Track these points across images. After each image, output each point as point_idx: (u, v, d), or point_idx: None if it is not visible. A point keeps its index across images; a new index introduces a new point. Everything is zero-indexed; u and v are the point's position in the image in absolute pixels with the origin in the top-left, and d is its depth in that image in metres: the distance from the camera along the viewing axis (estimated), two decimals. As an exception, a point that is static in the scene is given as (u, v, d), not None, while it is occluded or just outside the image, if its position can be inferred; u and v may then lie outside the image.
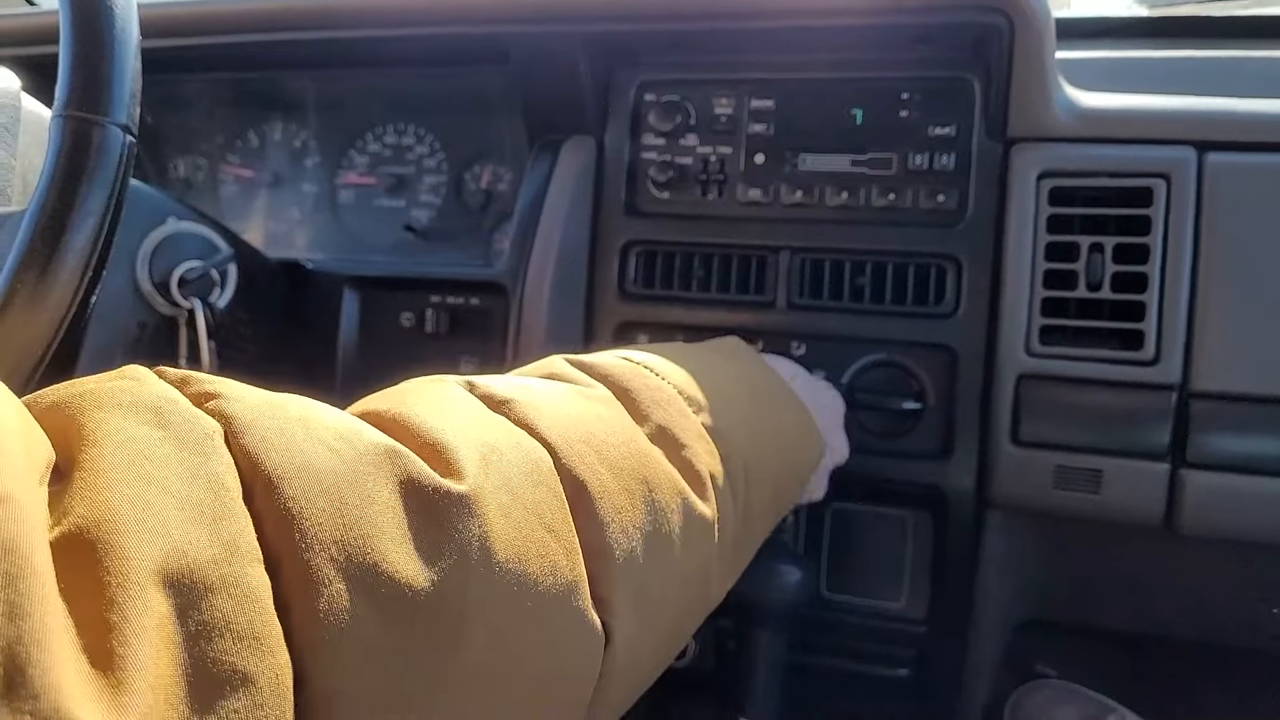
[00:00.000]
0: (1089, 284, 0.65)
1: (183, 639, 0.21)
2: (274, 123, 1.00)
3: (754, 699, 0.66)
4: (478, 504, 0.28)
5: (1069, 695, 0.92)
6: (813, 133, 0.75)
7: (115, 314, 0.64)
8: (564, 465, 0.33)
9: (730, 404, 0.46)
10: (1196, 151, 0.64)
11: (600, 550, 0.33)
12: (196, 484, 0.23)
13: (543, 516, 0.31)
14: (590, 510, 0.33)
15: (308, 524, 0.24)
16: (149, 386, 0.26)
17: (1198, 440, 0.64)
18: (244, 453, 0.25)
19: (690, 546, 0.38)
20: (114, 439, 0.23)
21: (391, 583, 0.25)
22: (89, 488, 0.22)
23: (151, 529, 0.21)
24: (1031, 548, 0.79)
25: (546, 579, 0.30)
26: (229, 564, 0.22)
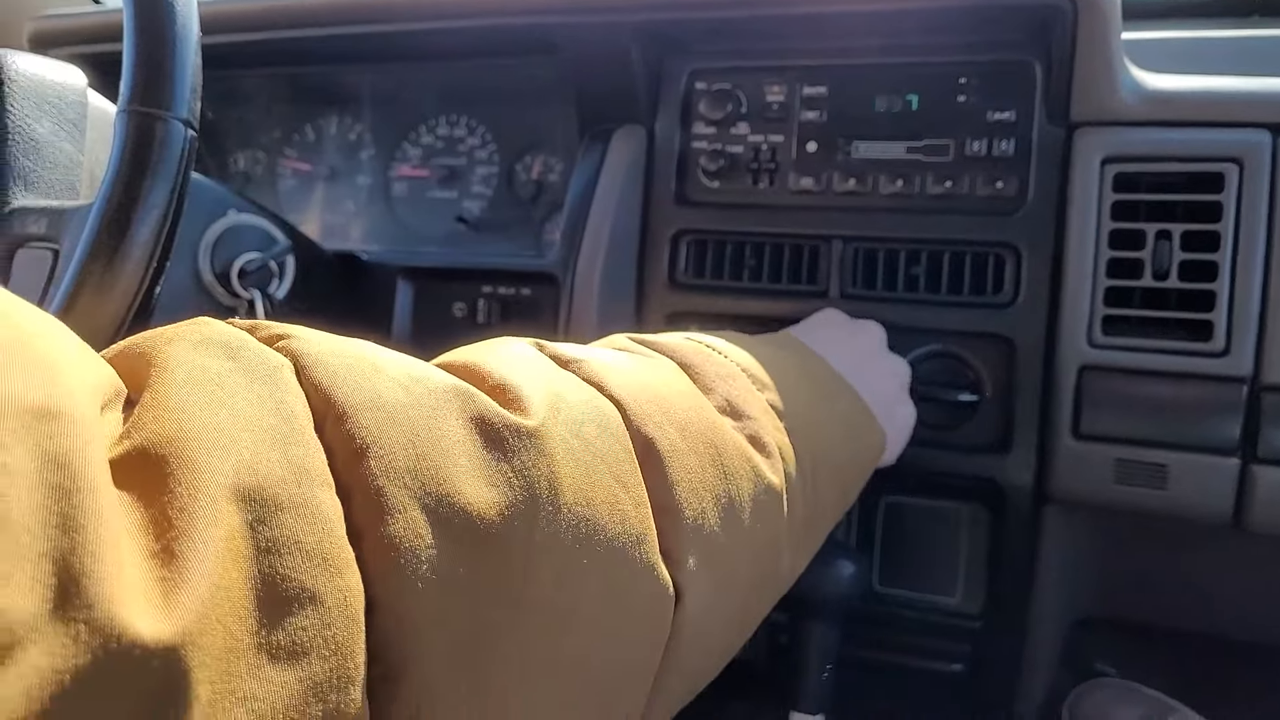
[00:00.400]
0: (1155, 273, 0.63)
1: (252, 552, 0.21)
2: (330, 117, 1.01)
3: (806, 693, 0.66)
4: (546, 442, 0.28)
5: (1128, 694, 0.90)
6: (866, 120, 0.73)
7: (178, 305, 0.66)
8: (633, 422, 0.33)
9: (793, 388, 0.46)
10: (1271, 134, 0.62)
11: (669, 508, 0.33)
12: (267, 410, 0.23)
13: (611, 466, 0.31)
14: (659, 468, 0.33)
15: (381, 452, 0.24)
16: (218, 328, 0.26)
17: (1270, 435, 0.61)
18: (314, 386, 0.25)
19: (760, 515, 0.38)
20: (184, 367, 0.23)
21: (463, 514, 0.25)
22: (159, 407, 0.22)
23: (223, 446, 0.21)
24: (1090, 543, 0.77)
25: (615, 527, 0.30)
26: (299, 485, 0.22)
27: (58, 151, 0.67)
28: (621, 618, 0.31)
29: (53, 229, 0.60)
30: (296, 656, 0.21)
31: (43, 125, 0.66)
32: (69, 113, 0.68)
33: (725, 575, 0.36)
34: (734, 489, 0.36)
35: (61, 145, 0.68)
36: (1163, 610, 0.88)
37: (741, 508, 0.37)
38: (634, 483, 0.32)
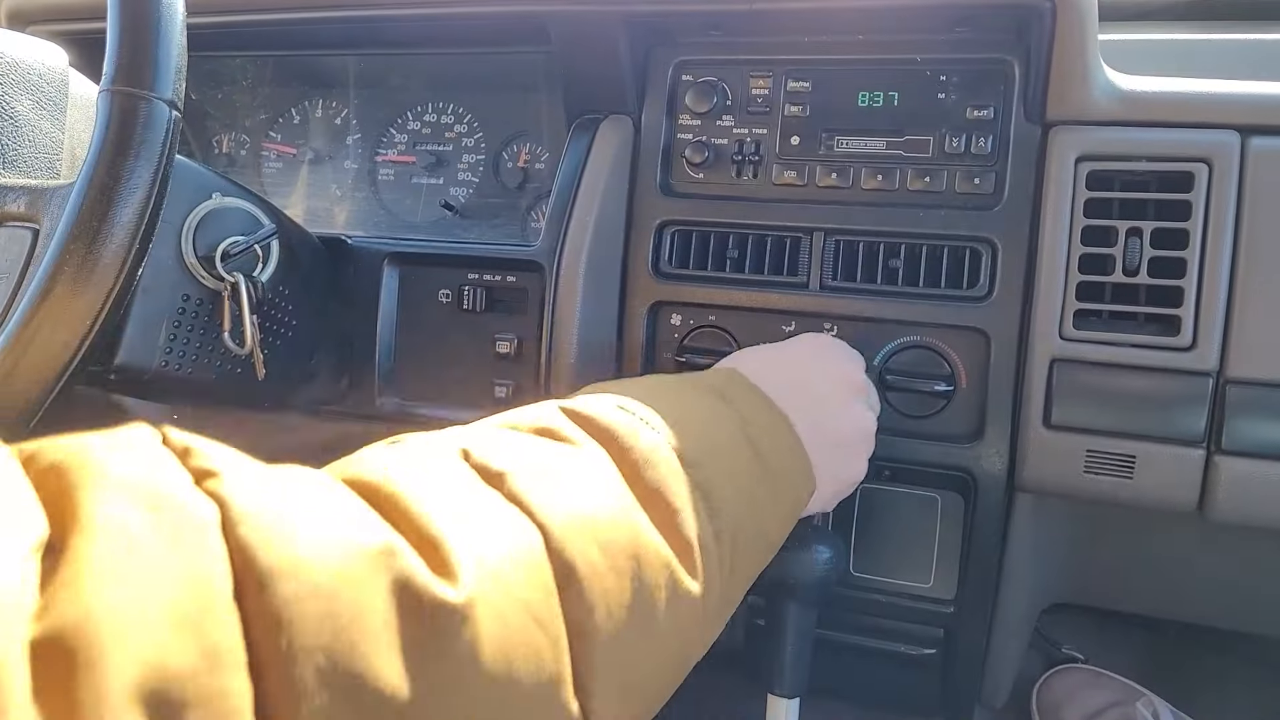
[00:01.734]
0: (1126, 269, 0.65)
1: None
2: (315, 100, 1.01)
3: (781, 675, 0.67)
4: (472, 611, 0.29)
5: (1096, 679, 0.92)
6: (848, 115, 0.75)
7: (160, 287, 0.65)
8: (555, 548, 0.34)
9: (723, 460, 0.46)
10: (1240, 136, 0.63)
11: (586, 633, 0.34)
12: (185, 583, 0.23)
13: (532, 608, 0.31)
14: (578, 593, 0.34)
15: (296, 630, 0.24)
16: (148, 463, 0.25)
17: (1233, 427, 0.63)
18: (239, 545, 0.24)
19: (675, 620, 0.39)
20: (106, 527, 0.23)
21: (377, 694, 0.25)
22: (74, 585, 0.21)
23: (132, 637, 0.21)
24: (1061, 532, 0.79)
25: (531, 676, 0.31)
26: (210, 675, 0.22)
27: (37, 130, 0.67)
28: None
29: (32, 208, 0.59)
30: None
31: (21, 103, 0.66)
32: (49, 91, 0.68)
33: (635, 688, 0.37)
34: (650, 599, 0.37)
35: (41, 124, 0.68)
36: (1131, 597, 0.91)
37: (656, 616, 0.37)
38: (552, 619, 0.32)
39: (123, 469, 0.24)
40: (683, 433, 0.44)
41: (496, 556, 0.31)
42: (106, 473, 0.24)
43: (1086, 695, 0.91)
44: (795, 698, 0.67)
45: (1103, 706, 0.88)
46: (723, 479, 0.45)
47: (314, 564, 0.25)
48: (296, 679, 0.24)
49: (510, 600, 0.31)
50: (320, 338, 0.80)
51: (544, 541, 0.33)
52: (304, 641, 0.24)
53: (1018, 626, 0.83)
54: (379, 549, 0.27)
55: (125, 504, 0.23)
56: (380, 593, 0.26)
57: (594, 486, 0.38)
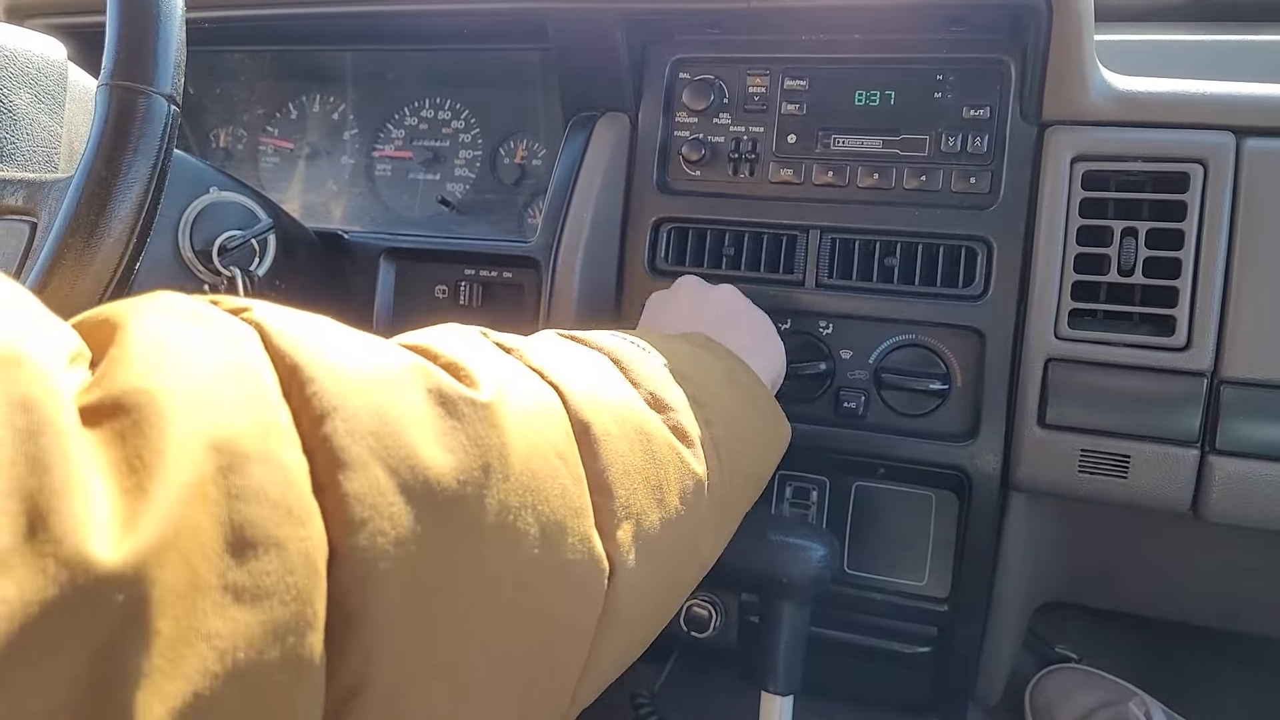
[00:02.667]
0: (1121, 269, 0.65)
1: (221, 497, 0.21)
2: (313, 96, 1.01)
3: (776, 672, 0.67)
4: (498, 415, 0.30)
5: (1090, 678, 0.92)
6: (845, 113, 0.75)
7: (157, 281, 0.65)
8: (571, 407, 0.35)
9: (711, 383, 0.49)
10: (1235, 137, 0.63)
11: (604, 487, 0.35)
12: (235, 372, 0.24)
13: (554, 443, 0.33)
14: (595, 450, 0.35)
15: (345, 414, 0.25)
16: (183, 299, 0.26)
17: (1228, 427, 0.63)
18: (280, 353, 0.25)
19: (684, 499, 0.41)
20: (152, 331, 0.23)
21: (422, 476, 0.27)
22: (127, 364, 0.22)
23: (193, 400, 0.22)
24: (1055, 531, 0.79)
25: (557, 500, 0.32)
26: (266, 440, 0.23)
27: (35, 124, 0.67)
28: (561, 584, 0.33)
29: (30, 201, 0.59)
30: (259, 599, 0.21)
31: (20, 96, 0.66)
32: (48, 84, 0.68)
33: (653, 553, 0.38)
34: (661, 474, 0.39)
35: (39, 117, 0.67)
36: (1124, 597, 0.91)
37: (668, 490, 0.39)
38: (573, 460, 0.34)
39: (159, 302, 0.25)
40: (672, 355, 0.47)
41: (518, 394, 0.33)
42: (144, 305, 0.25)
43: (1079, 694, 0.91)
44: (789, 695, 0.68)
45: (1095, 706, 0.89)
46: (714, 397, 0.47)
47: (353, 367, 0.27)
48: (349, 455, 0.25)
49: (533, 428, 0.32)
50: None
51: (561, 400, 0.35)
52: (353, 424, 0.25)
53: (1011, 625, 0.83)
54: (411, 363, 0.29)
55: (169, 319, 0.24)
56: (416, 393, 0.28)
57: (602, 373, 0.40)
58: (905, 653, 0.78)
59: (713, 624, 0.78)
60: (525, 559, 0.31)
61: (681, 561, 0.43)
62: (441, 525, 0.27)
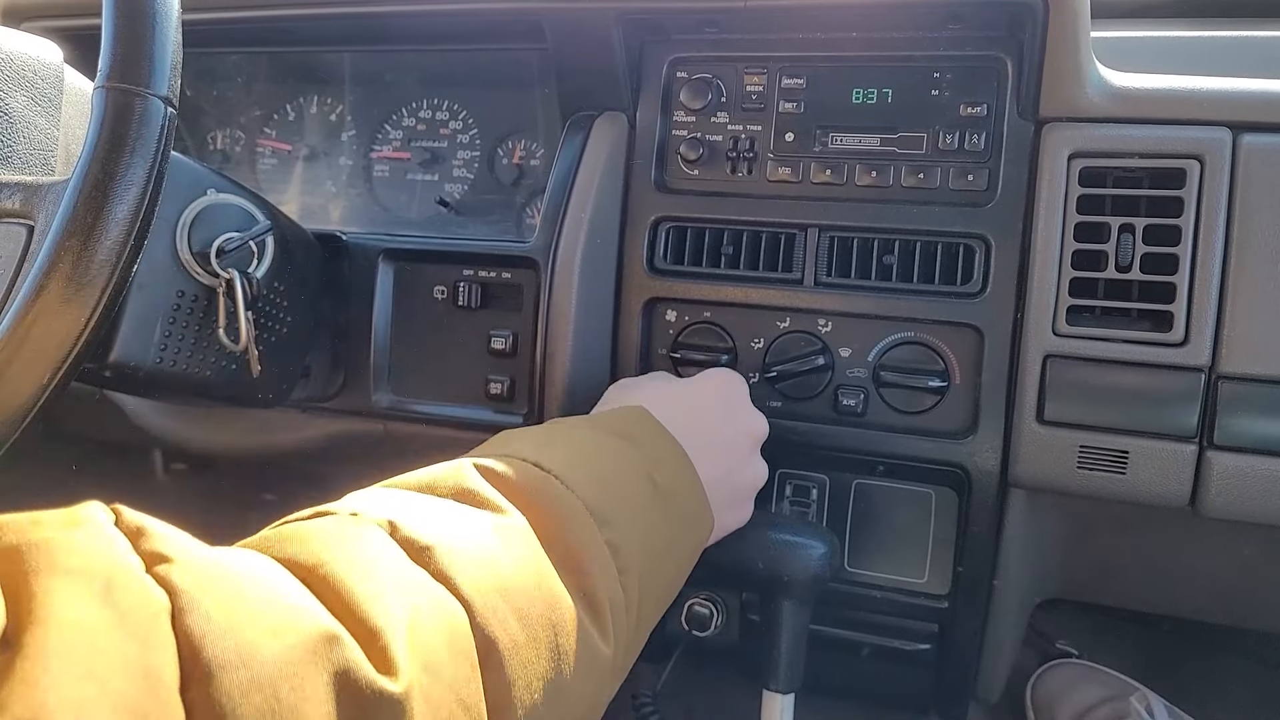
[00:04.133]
0: (1118, 265, 0.65)
1: None
2: (310, 97, 1.01)
3: (776, 670, 0.67)
4: (408, 701, 0.30)
5: (1090, 674, 0.93)
6: (843, 112, 0.75)
7: (156, 283, 0.65)
8: (478, 624, 0.36)
9: (630, 510, 0.49)
10: (1231, 133, 0.64)
11: (504, 706, 0.36)
12: (134, 678, 0.24)
13: (458, 691, 0.33)
14: (499, 669, 0.36)
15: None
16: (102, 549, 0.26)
17: (1226, 422, 0.63)
18: (186, 635, 0.26)
19: (586, 682, 0.41)
20: (61, 622, 0.23)
21: None
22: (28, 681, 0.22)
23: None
24: (1054, 527, 0.79)
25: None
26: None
27: (31, 126, 0.67)
28: None
29: (26, 204, 0.59)
30: None
31: (16, 99, 0.66)
32: (44, 87, 0.68)
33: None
34: (565, 666, 0.40)
35: (36, 120, 0.67)
36: (1124, 593, 0.91)
37: (569, 681, 0.40)
38: (475, 700, 0.34)
39: (76, 556, 0.25)
40: (594, 484, 0.47)
41: (428, 643, 0.33)
42: (61, 561, 0.25)
43: (1080, 690, 0.91)
44: (790, 693, 0.68)
45: (1096, 701, 0.89)
46: (632, 532, 0.47)
47: (257, 655, 0.26)
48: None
49: (442, 688, 0.32)
50: (315, 334, 0.80)
51: (469, 618, 0.36)
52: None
53: (1012, 622, 0.83)
54: (321, 637, 0.29)
55: (79, 595, 0.24)
56: (322, 683, 0.28)
57: (514, 556, 0.40)
58: (906, 650, 0.78)
59: (714, 623, 0.78)
60: None
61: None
62: None
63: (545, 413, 0.76)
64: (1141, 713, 0.84)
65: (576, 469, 0.47)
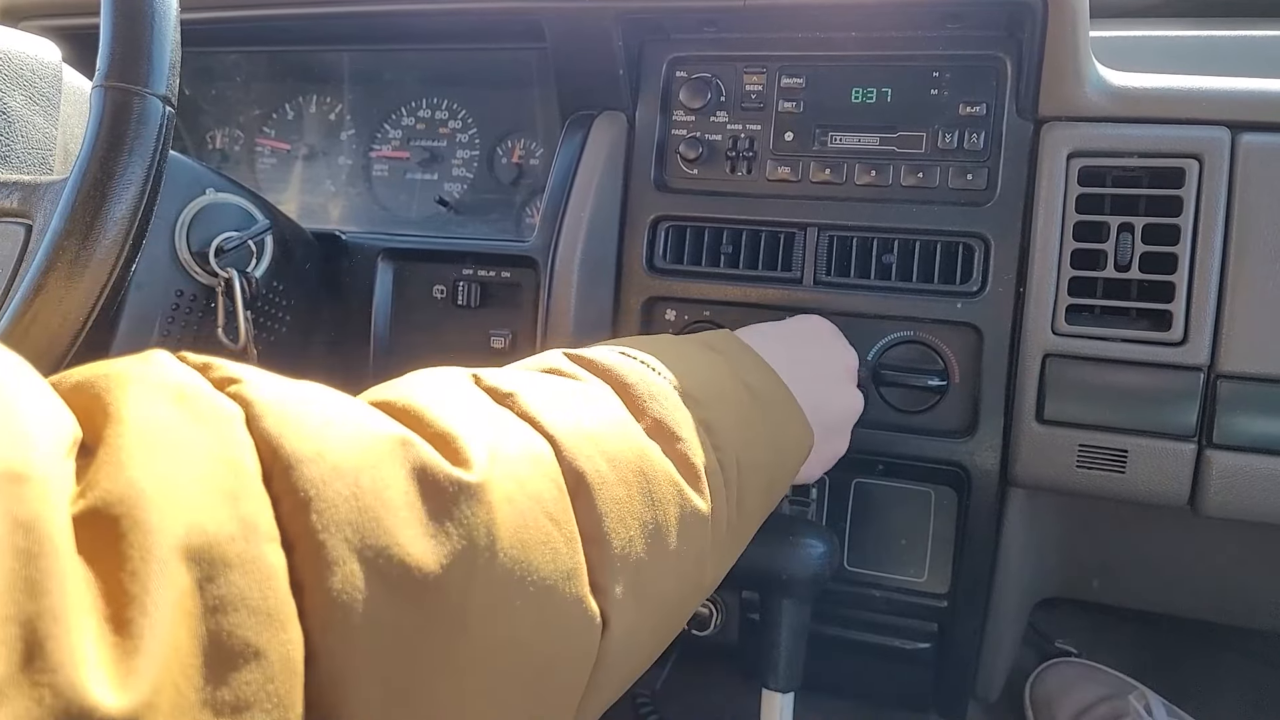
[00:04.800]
0: (1117, 264, 0.65)
1: (200, 611, 0.21)
2: (310, 96, 1.01)
3: (776, 669, 0.67)
4: (486, 492, 0.30)
5: (1090, 673, 0.93)
6: (842, 111, 0.75)
7: (154, 282, 0.65)
8: (565, 457, 0.35)
9: (723, 399, 0.47)
10: (1230, 132, 0.64)
11: (598, 539, 0.34)
12: (217, 463, 0.24)
13: (545, 505, 0.32)
14: (589, 500, 0.35)
15: (323, 506, 0.25)
16: (172, 370, 0.27)
17: (1225, 421, 0.63)
18: (263, 436, 0.26)
19: (686, 537, 0.40)
20: (137, 416, 0.24)
21: (402, 565, 0.26)
22: (113, 463, 0.22)
23: (174, 503, 0.22)
24: (1053, 526, 0.79)
25: (547, 565, 0.31)
26: (246, 541, 0.23)
27: (30, 125, 0.67)
28: (551, 649, 0.32)
29: (25, 204, 0.59)
30: (240, 711, 0.22)
31: (14, 98, 0.66)
32: (42, 86, 0.68)
33: (650, 598, 0.38)
34: (660, 515, 0.38)
35: (34, 119, 0.67)
36: (1123, 592, 0.91)
37: (667, 532, 0.38)
38: (565, 519, 0.33)
39: (146, 378, 0.26)
40: (683, 374, 0.45)
41: (509, 455, 0.32)
42: (132, 379, 0.25)
43: (1079, 689, 0.91)
44: (790, 692, 0.68)
45: (1095, 700, 0.89)
46: (724, 416, 0.45)
47: (336, 450, 0.26)
48: (326, 550, 0.25)
49: (524, 493, 0.31)
50: (314, 333, 0.80)
51: (554, 450, 0.34)
52: (332, 516, 0.25)
53: (1011, 621, 0.83)
54: (396, 439, 0.28)
55: (153, 400, 0.25)
56: (399, 475, 0.28)
57: (600, 411, 0.39)
58: (906, 649, 0.78)
59: (714, 622, 0.78)
60: (515, 632, 0.30)
61: (681, 599, 0.42)
62: (424, 615, 0.27)
63: (544, 412, 0.76)
64: (1140, 711, 0.84)
65: (665, 359, 0.46)
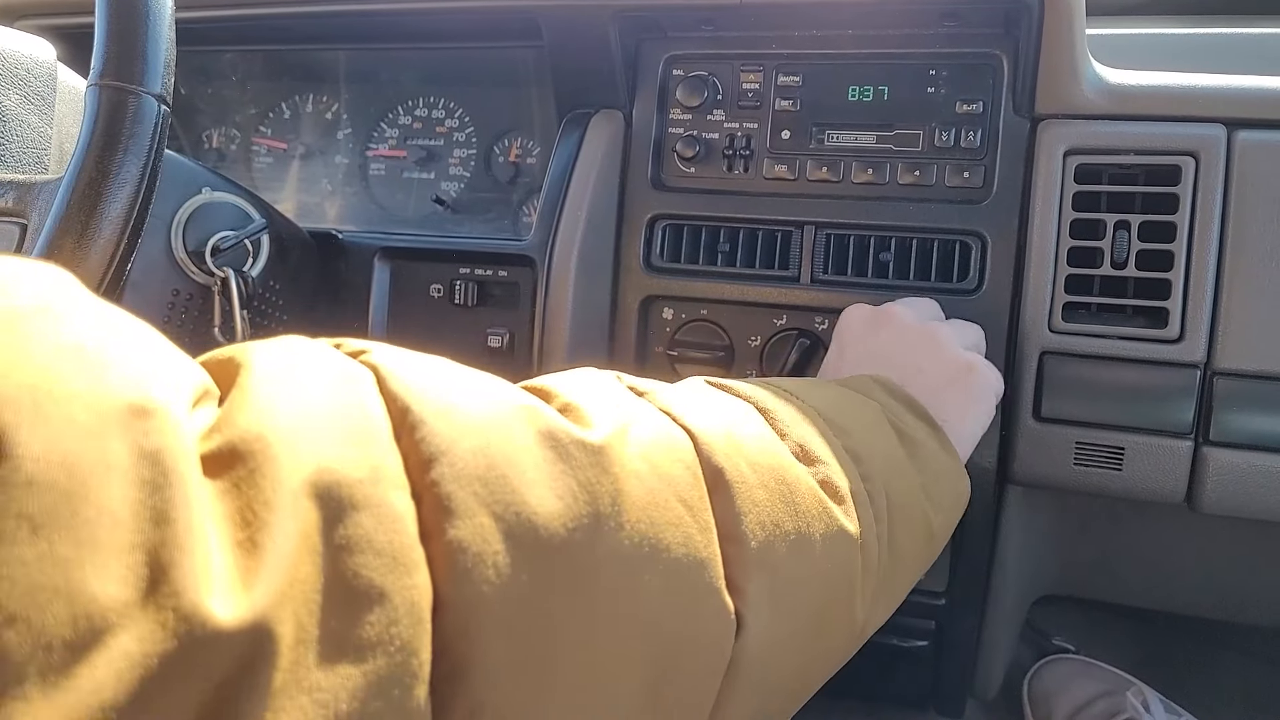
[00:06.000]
0: (1114, 262, 0.65)
1: (327, 548, 0.22)
2: (306, 95, 1.01)
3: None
4: (611, 458, 0.29)
5: (1087, 669, 0.93)
6: (839, 109, 0.75)
7: (150, 282, 0.65)
8: (703, 451, 0.34)
9: (872, 435, 0.45)
10: (1226, 129, 0.64)
11: (736, 536, 0.33)
12: (349, 411, 0.25)
13: (678, 489, 0.31)
14: (727, 497, 0.33)
15: (452, 459, 0.25)
16: (305, 341, 0.27)
17: (1221, 418, 0.64)
18: (393, 396, 0.26)
19: (832, 557, 0.37)
20: (271, 367, 0.25)
21: (528, 522, 0.26)
22: (245, 404, 0.23)
23: (307, 441, 0.23)
24: (1051, 524, 0.79)
25: (679, 549, 0.30)
26: (375, 485, 0.23)
27: (24, 125, 0.67)
28: (682, 636, 0.31)
29: (20, 203, 0.59)
30: (363, 651, 0.21)
31: (9, 98, 0.66)
32: (37, 85, 0.67)
33: (791, 612, 0.36)
34: (804, 527, 0.36)
35: (28, 118, 0.67)
36: (1120, 588, 0.91)
37: (812, 546, 0.36)
38: (701, 508, 0.32)
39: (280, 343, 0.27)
40: (829, 405, 0.44)
41: (641, 435, 0.32)
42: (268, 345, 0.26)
43: (1077, 685, 0.91)
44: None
45: (1093, 696, 0.89)
46: (872, 446, 0.43)
47: (464, 408, 0.27)
48: (455, 502, 0.25)
49: (654, 472, 0.31)
50: (311, 333, 0.80)
51: (692, 443, 0.34)
52: (460, 469, 0.25)
53: (1008, 618, 0.83)
54: (525, 406, 0.29)
55: (284, 358, 0.25)
56: (527, 435, 0.28)
57: (744, 420, 0.38)
58: (903, 646, 0.78)
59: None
60: (642, 609, 0.29)
61: (827, 625, 0.39)
62: (549, 573, 0.26)
63: (542, 411, 0.75)
64: (1138, 707, 0.85)
65: (809, 391, 0.44)
